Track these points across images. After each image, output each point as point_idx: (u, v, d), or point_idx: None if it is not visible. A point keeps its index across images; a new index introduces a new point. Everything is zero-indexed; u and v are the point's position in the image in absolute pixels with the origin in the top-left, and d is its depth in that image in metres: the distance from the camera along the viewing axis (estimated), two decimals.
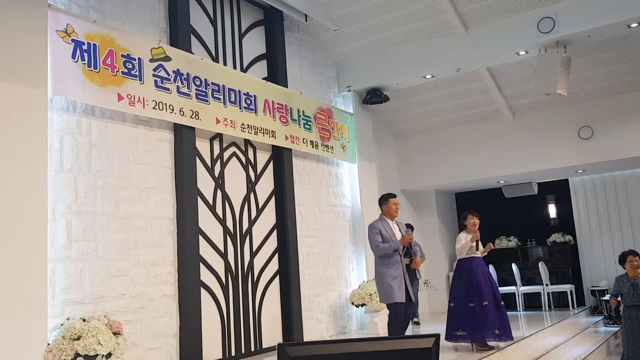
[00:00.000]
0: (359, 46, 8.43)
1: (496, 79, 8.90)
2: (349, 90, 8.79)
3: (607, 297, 9.55)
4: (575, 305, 10.28)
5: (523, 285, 10.75)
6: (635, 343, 5.51)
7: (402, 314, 5.38)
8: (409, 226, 8.74)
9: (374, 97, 8.69)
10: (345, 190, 8.57)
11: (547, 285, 10.48)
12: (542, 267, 10.59)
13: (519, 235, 11.58)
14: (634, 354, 5.54)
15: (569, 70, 7.20)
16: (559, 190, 11.34)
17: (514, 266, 10.82)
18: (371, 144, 9.16)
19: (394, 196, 5.79)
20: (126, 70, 5.29)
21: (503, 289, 10.61)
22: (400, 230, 5.66)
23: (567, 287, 10.35)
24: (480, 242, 6.35)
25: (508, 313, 6.22)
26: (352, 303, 7.67)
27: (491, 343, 6.11)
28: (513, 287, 10.71)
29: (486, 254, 6.50)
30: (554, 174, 10.41)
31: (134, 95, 5.31)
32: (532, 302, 10.79)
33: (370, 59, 8.57)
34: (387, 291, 5.38)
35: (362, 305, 7.57)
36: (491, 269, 10.72)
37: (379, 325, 7.65)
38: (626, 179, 10.72)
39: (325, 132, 8.00)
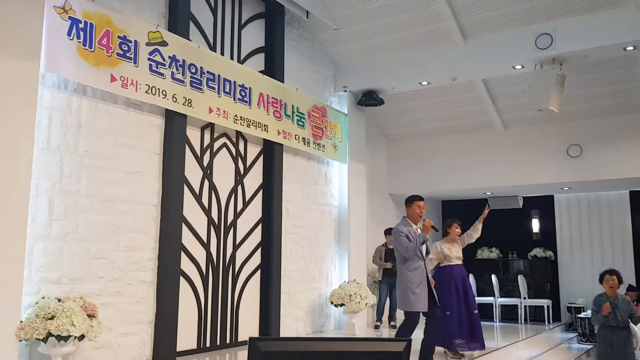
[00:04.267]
0: (358, 47, 8.43)
1: (491, 90, 8.95)
2: (345, 91, 8.78)
3: (583, 315, 9.65)
4: (551, 321, 10.38)
5: (501, 296, 10.84)
6: None
7: (417, 322, 5.26)
8: (392, 231, 8.77)
9: (369, 99, 8.70)
10: (334, 189, 8.57)
11: (524, 298, 10.58)
12: (521, 281, 10.68)
13: (501, 247, 11.68)
14: None
15: (563, 87, 7.26)
16: (543, 205, 11.44)
17: (493, 277, 10.90)
18: (363, 145, 9.17)
19: (421, 199, 5.49)
20: (121, 52, 5.25)
21: (481, 299, 10.69)
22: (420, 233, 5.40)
23: (545, 302, 10.46)
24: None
25: (484, 323, 6.27)
26: (332, 302, 7.67)
27: (466, 352, 6.16)
28: (491, 298, 10.80)
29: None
30: (540, 189, 10.51)
31: (127, 78, 5.27)
32: (509, 314, 10.87)
33: (369, 60, 8.57)
34: (410, 299, 5.20)
35: (341, 305, 7.57)
36: (471, 278, 10.81)
37: (357, 326, 7.67)
38: (610, 200, 10.84)
39: (318, 130, 7.99)
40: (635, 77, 8.13)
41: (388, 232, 8.79)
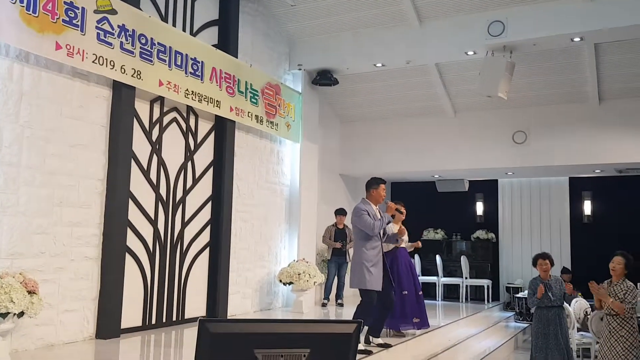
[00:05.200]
0: (314, 25, 8.35)
1: (443, 75, 9.09)
2: (300, 69, 8.71)
3: (520, 295, 10.12)
4: (490, 300, 10.83)
5: (444, 276, 11.20)
6: (542, 343, 5.82)
7: (374, 301, 5.28)
8: (342, 211, 8.88)
9: (323, 78, 8.67)
10: (286, 168, 8.55)
11: (466, 278, 10.97)
12: (464, 261, 11.05)
13: (446, 228, 12.02)
14: (539, 355, 5.85)
15: (512, 75, 7.45)
16: (488, 189, 11.84)
17: (437, 258, 11.24)
18: (316, 125, 9.16)
19: (385, 182, 5.62)
20: (67, 19, 5.00)
21: (425, 279, 11.02)
22: (382, 214, 5.49)
23: (485, 282, 10.88)
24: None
25: (428, 302, 6.48)
26: (280, 281, 7.72)
27: (407, 330, 6.34)
28: (435, 278, 11.14)
29: (412, 249, 6.72)
30: (485, 173, 10.84)
31: (73, 46, 5.03)
32: (451, 293, 11.27)
33: (324, 39, 8.52)
34: (364, 277, 5.23)
35: (290, 283, 7.62)
36: (416, 258, 11.11)
37: (304, 304, 7.75)
38: (551, 186, 11.33)
39: (271, 108, 7.91)
40: (579, 68, 8.45)
41: (338, 212, 8.88)
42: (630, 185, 10.44)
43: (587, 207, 11.05)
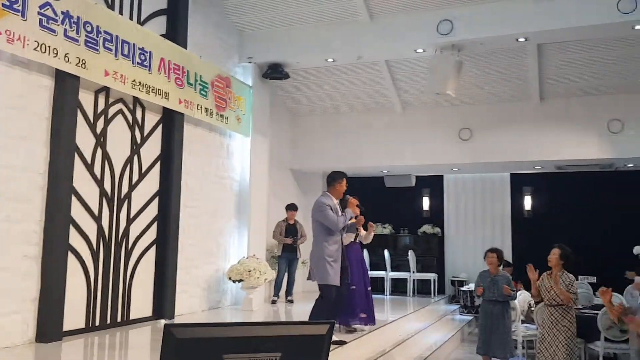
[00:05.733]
0: (265, 17, 8.22)
1: (392, 72, 9.18)
2: (250, 62, 8.56)
3: (465, 288, 10.40)
4: (436, 293, 11.07)
5: (392, 270, 11.36)
6: (486, 337, 6.00)
7: (334, 295, 5.26)
8: (293, 206, 8.83)
9: (274, 72, 8.55)
10: (236, 163, 8.39)
11: (413, 272, 11.17)
12: (411, 255, 11.25)
13: (394, 223, 12.20)
14: (484, 347, 6.02)
15: (460, 73, 7.61)
16: (434, 184, 12.10)
17: (385, 252, 11.39)
18: (267, 119, 9.04)
19: (346, 176, 5.67)
20: (7, 3, 4.66)
21: (374, 273, 11.14)
22: (341, 209, 5.51)
23: (431, 276, 11.11)
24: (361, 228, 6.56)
25: (376, 296, 6.50)
26: (230, 278, 7.57)
27: (356, 325, 6.36)
28: (383, 272, 11.28)
29: (372, 236, 6.69)
30: (432, 169, 11.06)
31: (14, 32, 4.70)
32: (399, 287, 11.45)
33: (276, 32, 8.41)
34: (326, 272, 5.21)
35: (240, 281, 7.50)
36: (365, 253, 11.20)
37: (254, 302, 7.65)
38: (494, 181, 11.69)
39: (221, 101, 7.74)
40: (523, 67, 8.74)
41: (289, 207, 8.82)
42: (568, 182, 10.91)
43: (528, 202, 11.49)
